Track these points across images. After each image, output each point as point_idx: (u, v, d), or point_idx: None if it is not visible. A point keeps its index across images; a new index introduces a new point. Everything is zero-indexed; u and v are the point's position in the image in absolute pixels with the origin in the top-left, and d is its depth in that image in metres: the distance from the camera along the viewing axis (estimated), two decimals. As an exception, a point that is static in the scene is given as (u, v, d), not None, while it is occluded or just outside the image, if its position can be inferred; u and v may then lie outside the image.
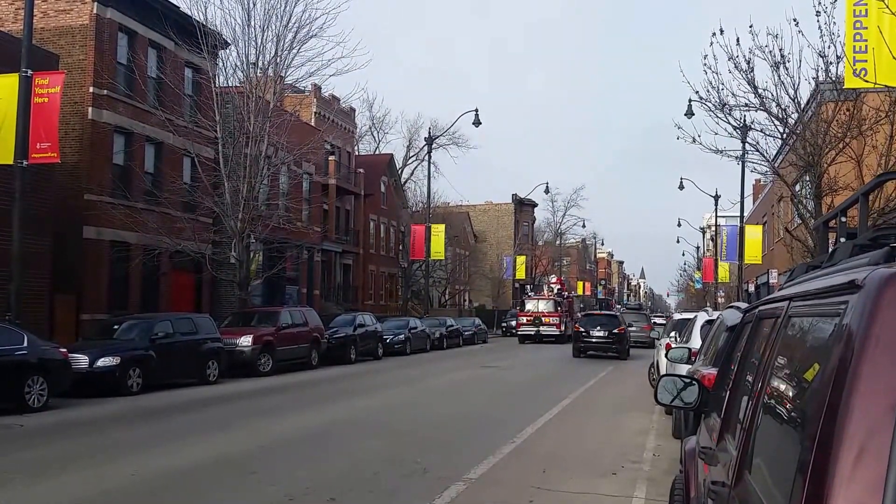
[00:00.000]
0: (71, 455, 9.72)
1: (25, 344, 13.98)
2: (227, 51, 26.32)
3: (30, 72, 16.46)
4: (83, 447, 10.38)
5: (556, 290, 48.46)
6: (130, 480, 8.14)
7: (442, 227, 45.89)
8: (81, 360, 15.82)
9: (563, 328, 42.35)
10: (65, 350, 15.15)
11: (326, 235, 42.45)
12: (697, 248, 77.10)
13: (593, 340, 31.26)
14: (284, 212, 30.90)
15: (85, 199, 24.13)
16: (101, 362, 16.15)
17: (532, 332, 42.90)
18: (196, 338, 19.19)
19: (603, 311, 41.71)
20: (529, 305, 44.61)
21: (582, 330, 31.68)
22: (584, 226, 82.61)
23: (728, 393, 3.65)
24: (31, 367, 13.80)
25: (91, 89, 24.33)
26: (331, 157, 43.98)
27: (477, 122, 40.45)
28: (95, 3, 24.52)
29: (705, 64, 16.41)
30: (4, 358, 13.37)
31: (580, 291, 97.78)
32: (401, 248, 54.08)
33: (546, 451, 10.03)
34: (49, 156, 17.06)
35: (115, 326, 18.66)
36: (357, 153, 53.32)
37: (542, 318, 42.86)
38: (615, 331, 31.19)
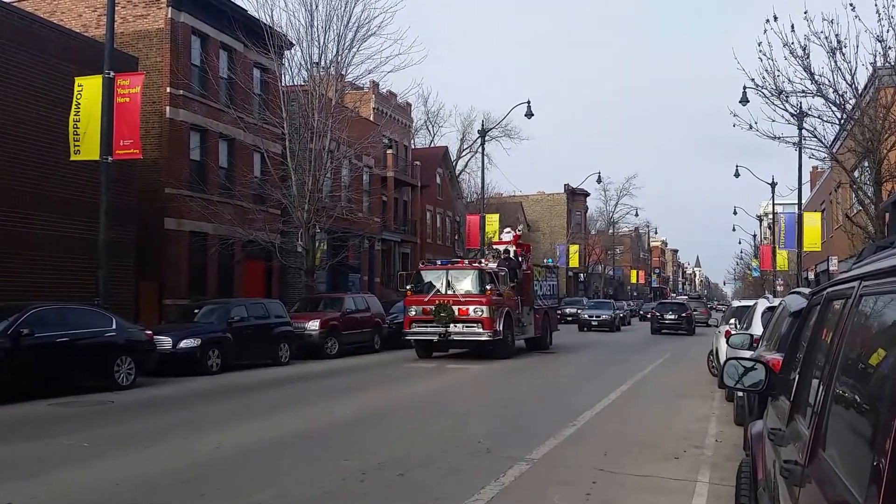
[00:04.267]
0: (159, 429, 10.08)
1: (114, 326, 14.52)
2: (292, 51, 26.67)
3: (112, 73, 16.88)
4: (169, 422, 10.75)
5: (495, 253, 24.71)
6: (215, 452, 8.42)
7: (496, 216, 45.80)
8: (165, 342, 16.36)
9: (499, 326, 20.79)
10: (150, 332, 15.68)
11: (385, 226, 42.84)
12: (754, 235, 75.09)
13: (667, 322, 38.96)
14: (346, 203, 31.26)
15: (166, 192, 24.87)
16: (183, 344, 16.71)
17: (432, 338, 21.00)
18: (268, 322, 19.66)
19: (673, 300, 49.13)
20: (432, 280, 21.40)
21: (658, 314, 39.82)
22: (636, 214, 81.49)
23: (797, 375, 3.60)
24: (120, 348, 14.33)
25: (168, 89, 25.03)
26: (389, 151, 44.32)
27: (529, 114, 40.02)
28: (170, 8, 25.18)
29: (760, 51, 16.03)
30: (95, 339, 13.93)
31: (634, 279, 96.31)
32: (456, 237, 54.20)
33: (607, 434, 9.95)
34: (132, 152, 17.47)
35: (195, 311, 19.26)
36: (413, 146, 53.57)
37: (455, 308, 20.49)
38: (683, 314, 39.37)
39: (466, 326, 20.47)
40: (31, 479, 7.10)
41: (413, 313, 21.05)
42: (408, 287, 21.74)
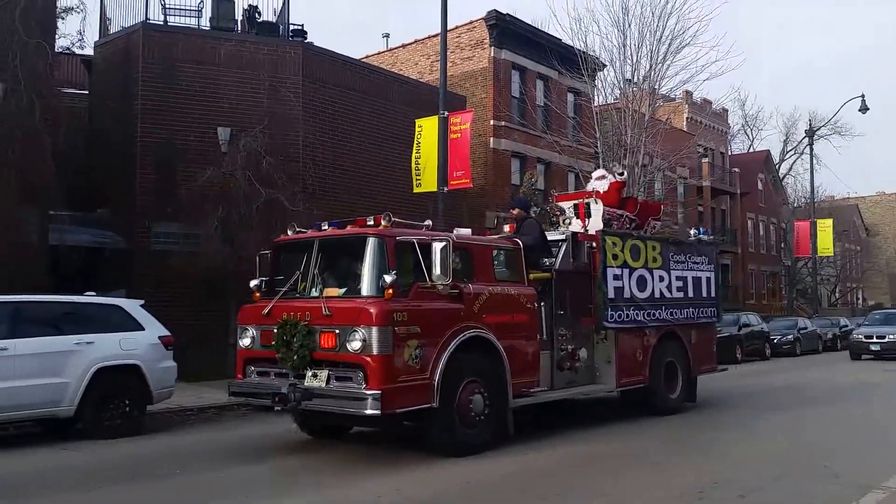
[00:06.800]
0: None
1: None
2: (605, 71, 26.95)
3: (446, 113, 18.45)
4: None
5: (557, 215, 12.51)
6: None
7: (828, 221, 41.41)
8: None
9: (432, 375, 8.16)
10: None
11: (704, 237, 41.02)
12: None
13: None
14: (661, 216, 30.59)
15: (487, 215, 26.60)
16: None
17: (266, 402, 8.78)
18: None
19: None
20: (297, 268, 9.15)
21: None
22: None
23: None
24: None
25: (491, 122, 26.85)
26: (704, 160, 42.57)
27: (864, 108, 35.86)
28: (492, 48, 27.02)
29: None
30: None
31: None
32: (783, 245, 50.14)
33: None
34: (463, 182, 18.75)
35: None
36: (730, 153, 50.70)
37: (315, 332, 8.15)
38: None
39: (337, 377, 8.13)
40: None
41: (247, 343, 9.11)
42: (253, 284, 9.37)
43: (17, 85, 13.54)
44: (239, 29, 19.60)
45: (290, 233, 9.51)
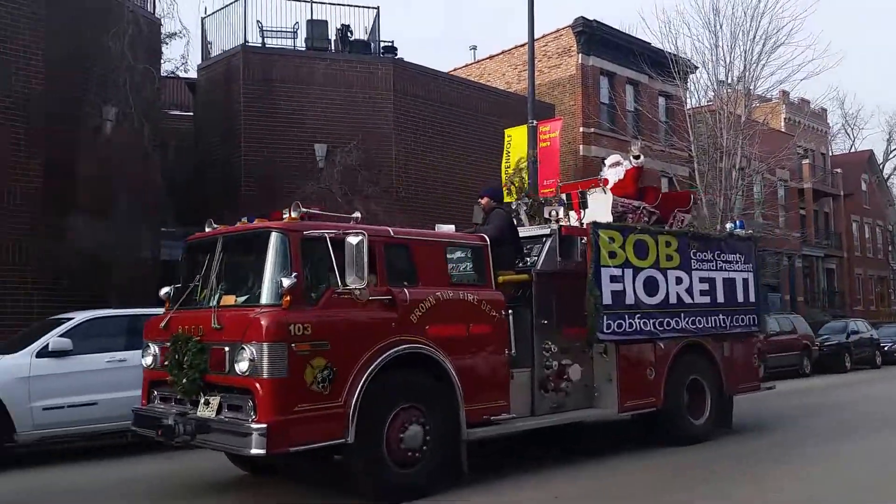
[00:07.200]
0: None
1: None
2: (697, 74, 26.24)
3: (535, 122, 18.29)
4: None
5: (553, 211, 10.18)
6: None
7: (940, 222, 38.97)
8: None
9: (347, 402, 6.48)
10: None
11: (806, 240, 39.27)
12: None
13: None
14: (761, 220, 29.43)
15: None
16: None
17: (153, 434, 6.95)
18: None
19: None
20: (203, 272, 7.41)
21: None
22: None
23: None
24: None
25: (581, 129, 26.53)
26: (804, 161, 40.79)
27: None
28: (580, 55, 26.71)
29: None
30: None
31: None
32: (890, 248, 47.45)
33: None
34: (552, 191, 18.62)
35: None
36: (831, 153, 48.40)
37: (206, 350, 6.71)
38: None
39: (229, 405, 6.57)
40: None
41: (149, 362, 7.78)
42: (163, 292, 7.91)
43: (128, 109, 14.25)
44: (332, 48, 20.07)
45: (207, 229, 7.78)
